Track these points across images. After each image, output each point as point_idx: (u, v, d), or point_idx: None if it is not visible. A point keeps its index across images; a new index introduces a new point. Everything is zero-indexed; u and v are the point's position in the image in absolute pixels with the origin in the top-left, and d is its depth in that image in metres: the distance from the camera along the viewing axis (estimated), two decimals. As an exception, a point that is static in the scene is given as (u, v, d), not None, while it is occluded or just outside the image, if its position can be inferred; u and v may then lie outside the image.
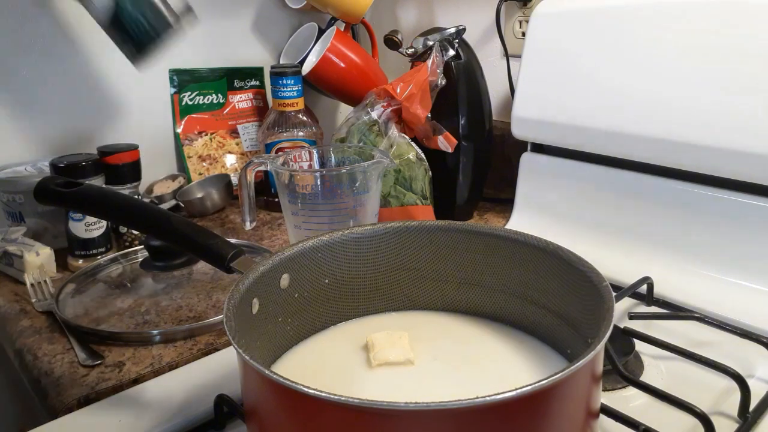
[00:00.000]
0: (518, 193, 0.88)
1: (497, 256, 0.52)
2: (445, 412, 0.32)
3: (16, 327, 0.67)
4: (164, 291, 0.72)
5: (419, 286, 0.56)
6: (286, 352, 0.51)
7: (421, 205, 0.84)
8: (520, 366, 0.49)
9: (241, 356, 0.36)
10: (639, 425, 0.44)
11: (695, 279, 0.68)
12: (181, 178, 1.04)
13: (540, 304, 0.50)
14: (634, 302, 0.66)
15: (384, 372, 0.48)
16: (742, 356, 0.55)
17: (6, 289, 0.75)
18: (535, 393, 0.32)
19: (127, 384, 0.56)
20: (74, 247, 0.79)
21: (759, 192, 0.65)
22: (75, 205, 0.58)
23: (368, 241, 0.54)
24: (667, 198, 0.72)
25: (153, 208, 0.57)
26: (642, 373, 0.55)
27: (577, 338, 0.46)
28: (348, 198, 0.71)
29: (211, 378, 0.55)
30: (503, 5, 0.96)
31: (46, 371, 0.58)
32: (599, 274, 0.43)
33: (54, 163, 0.80)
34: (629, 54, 0.72)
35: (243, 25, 1.11)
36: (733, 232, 0.67)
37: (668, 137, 0.69)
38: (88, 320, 0.65)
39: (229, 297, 0.42)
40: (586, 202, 0.79)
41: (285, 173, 0.72)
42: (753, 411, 0.48)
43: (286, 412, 0.36)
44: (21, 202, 0.83)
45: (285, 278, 0.50)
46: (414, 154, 0.83)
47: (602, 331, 0.37)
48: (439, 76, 0.84)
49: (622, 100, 0.73)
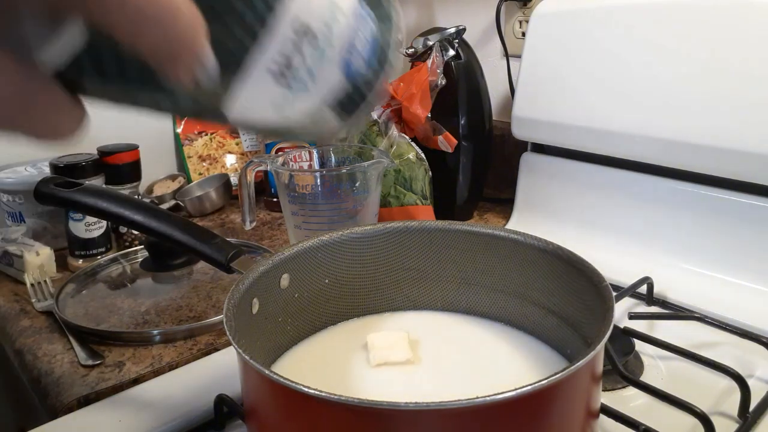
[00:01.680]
0: (518, 193, 0.88)
1: (497, 256, 0.52)
2: (445, 412, 0.32)
3: (16, 327, 0.67)
4: (164, 291, 0.72)
5: (419, 286, 0.56)
6: (286, 352, 0.51)
7: (421, 205, 0.84)
8: (520, 366, 0.49)
9: (241, 356, 0.36)
10: (639, 425, 0.44)
11: (695, 279, 0.68)
12: (181, 178, 1.04)
13: (540, 304, 0.50)
14: (634, 302, 0.66)
15: (384, 372, 0.48)
16: (742, 356, 0.55)
17: (6, 289, 0.75)
18: (535, 393, 0.32)
19: (127, 384, 0.56)
20: (74, 247, 0.79)
21: (759, 192, 0.65)
22: (75, 205, 0.58)
23: (368, 241, 0.54)
24: (668, 198, 0.72)
25: (153, 208, 0.57)
26: (642, 373, 0.55)
27: (577, 338, 0.47)
28: (348, 198, 0.71)
29: (211, 378, 0.55)
30: (503, 5, 0.96)
31: (46, 371, 0.58)
32: (599, 274, 0.43)
33: (54, 163, 0.80)
34: (629, 54, 0.72)
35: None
36: (733, 232, 0.67)
37: (668, 137, 0.69)
38: (88, 320, 0.65)
39: (229, 297, 0.42)
40: (586, 202, 0.79)
41: (285, 173, 0.72)
42: (753, 411, 0.48)
43: (286, 412, 0.36)
44: (21, 202, 0.83)
45: (285, 278, 0.50)
46: (414, 154, 0.83)
47: (602, 331, 0.37)
48: (439, 76, 0.84)
49: (622, 100, 0.73)
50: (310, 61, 0.23)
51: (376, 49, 0.25)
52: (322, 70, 0.24)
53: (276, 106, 0.24)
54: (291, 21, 0.22)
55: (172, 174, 1.05)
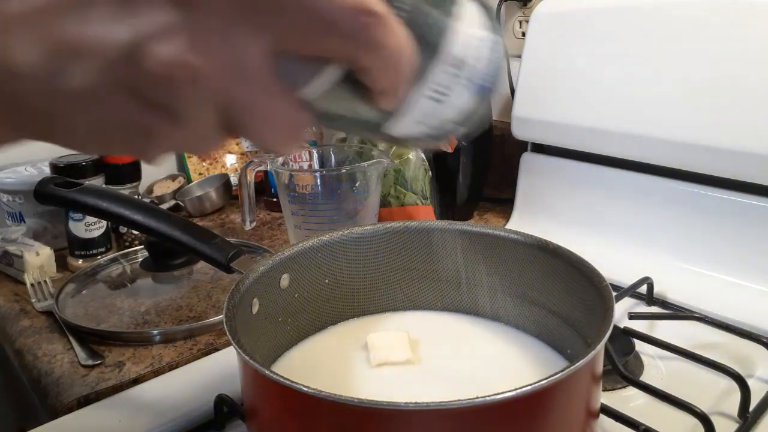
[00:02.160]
0: (518, 193, 0.88)
1: (497, 256, 0.52)
2: (445, 412, 0.32)
3: (16, 327, 0.67)
4: (164, 291, 0.72)
5: (419, 286, 0.56)
6: (286, 352, 0.51)
7: (421, 205, 0.84)
8: (520, 366, 0.49)
9: (241, 356, 0.36)
10: (639, 425, 0.44)
11: (695, 279, 0.68)
12: (181, 178, 1.04)
13: (540, 304, 0.50)
14: (634, 302, 0.66)
15: (384, 372, 0.48)
16: (742, 356, 0.55)
17: (6, 289, 0.75)
18: (535, 393, 0.32)
19: (127, 384, 0.56)
20: (74, 247, 0.79)
21: (759, 192, 0.65)
22: (75, 205, 0.58)
23: (368, 241, 0.54)
24: (668, 198, 0.72)
25: (153, 208, 0.57)
26: (642, 373, 0.55)
27: (577, 338, 0.47)
28: (348, 198, 0.71)
29: (211, 378, 0.55)
30: (503, 5, 0.96)
31: (46, 371, 0.58)
32: (599, 274, 0.43)
33: (54, 163, 0.80)
34: (629, 54, 0.72)
35: (243, 25, 1.11)
36: (733, 232, 0.67)
37: (668, 137, 0.69)
38: (88, 320, 0.65)
39: (229, 297, 0.42)
40: (586, 201, 0.79)
41: (285, 173, 0.72)
42: (753, 411, 0.48)
43: (286, 412, 0.36)
44: (21, 202, 0.83)
45: (285, 278, 0.50)
46: (414, 154, 0.83)
47: (602, 331, 0.37)
48: (439, 76, 0.83)
49: (622, 100, 0.73)
50: (456, 86, 0.29)
51: (495, 73, 0.31)
52: (462, 93, 0.29)
53: (424, 122, 0.30)
54: (451, 57, 0.28)
55: (172, 174, 1.05)
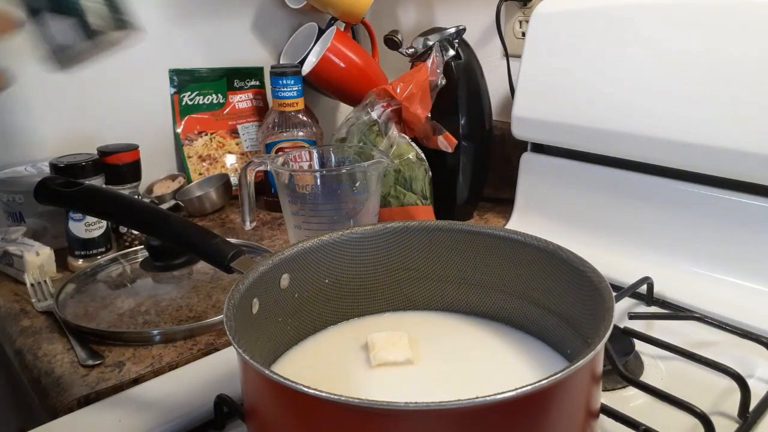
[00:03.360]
0: (518, 193, 0.88)
1: (497, 256, 0.52)
2: (445, 412, 0.32)
3: (16, 327, 0.67)
4: (164, 291, 0.72)
5: (419, 286, 0.56)
6: (286, 352, 0.51)
7: (421, 205, 0.84)
8: (520, 366, 0.49)
9: (241, 356, 0.36)
10: (639, 425, 0.44)
11: (695, 279, 0.68)
12: (181, 178, 1.04)
13: (540, 304, 0.50)
14: (634, 302, 0.66)
15: (384, 372, 0.48)
16: (742, 356, 0.55)
17: (6, 289, 0.75)
18: (535, 393, 0.32)
19: (127, 384, 0.56)
20: (74, 247, 0.79)
21: (759, 192, 0.65)
22: (75, 205, 0.58)
23: (368, 241, 0.54)
24: (667, 198, 0.72)
25: (153, 208, 0.57)
26: (642, 373, 0.55)
27: (577, 338, 0.47)
28: (348, 198, 0.71)
29: (211, 378, 0.55)
30: (503, 5, 0.96)
31: (46, 371, 0.58)
32: (599, 274, 0.43)
33: (54, 163, 0.80)
34: (629, 54, 0.72)
35: (243, 25, 1.11)
36: (733, 232, 0.67)
37: (668, 137, 0.69)
38: (88, 320, 0.65)
39: (229, 297, 0.42)
40: (586, 202, 0.79)
41: (285, 173, 0.72)
42: (753, 411, 0.48)
43: (286, 412, 0.36)
44: (21, 202, 0.83)
45: (285, 278, 0.50)
46: (414, 154, 0.83)
47: (602, 331, 0.37)
48: (439, 76, 0.84)
49: (622, 100, 0.73)
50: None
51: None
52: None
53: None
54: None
55: (172, 174, 1.05)
